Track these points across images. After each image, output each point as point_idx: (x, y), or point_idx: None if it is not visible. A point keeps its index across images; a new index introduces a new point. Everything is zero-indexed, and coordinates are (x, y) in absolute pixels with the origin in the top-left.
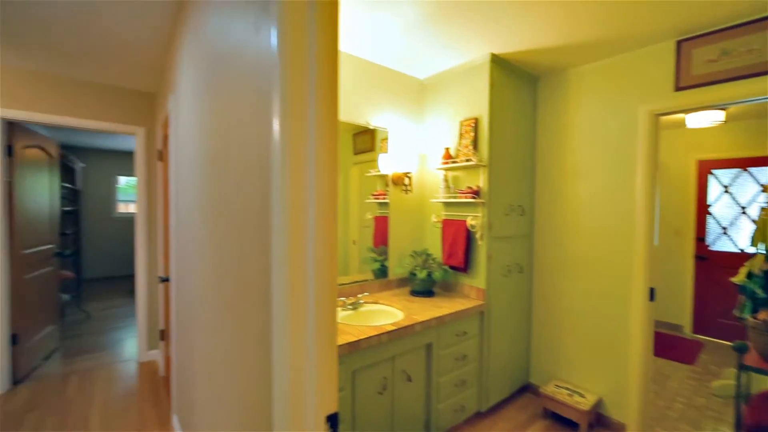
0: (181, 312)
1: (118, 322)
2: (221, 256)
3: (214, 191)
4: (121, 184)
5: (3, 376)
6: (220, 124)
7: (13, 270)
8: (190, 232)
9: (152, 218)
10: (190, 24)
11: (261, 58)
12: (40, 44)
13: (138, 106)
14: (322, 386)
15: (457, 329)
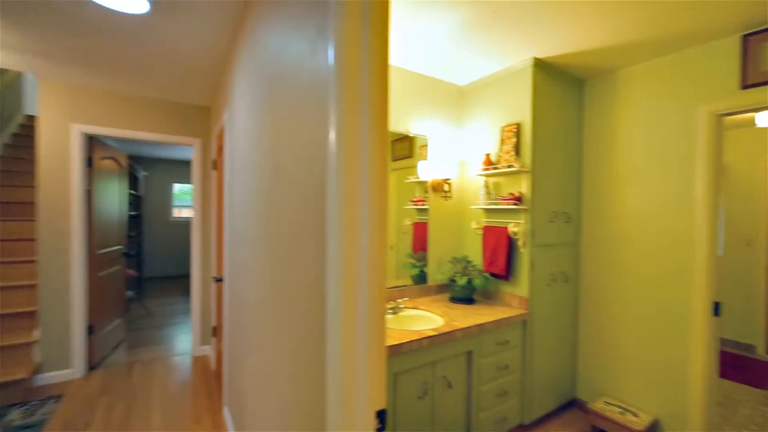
0: (233, 310)
1: (174, 318)
2: (276, 258)
3: (267, 198)
4: (176, 190)
5: (81, 363)
6: (275, 135)
7: (89, 268)
8: (244, 236)
9: (206, 223)
10: (246, 45)
11: (317, 75)
12: (113, 67)
13: (195, 119)
14: (372, 383)
15: (498, 338)
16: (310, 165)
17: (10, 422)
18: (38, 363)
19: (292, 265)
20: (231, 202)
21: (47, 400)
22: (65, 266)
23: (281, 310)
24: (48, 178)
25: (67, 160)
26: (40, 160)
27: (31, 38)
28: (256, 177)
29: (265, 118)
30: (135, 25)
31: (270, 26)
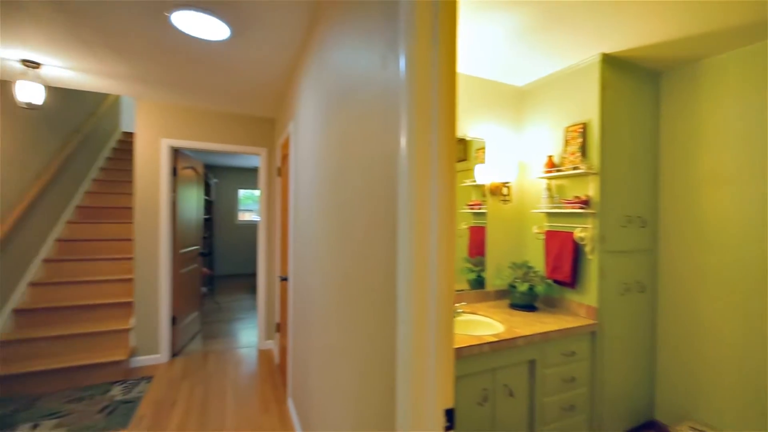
0: (297, 308)
1: (241, 314)
2: (343, 259)
3: (334, 203)
4: (241, 195)
5: (166, 349)
6: (342, 144)
7: (173, 265)
8: (308, 238)
9: (271, 225)
10: (312, 61)
11: (387, 87)
12: (194, 87)
13: (261, 130)
14: (441, 382)
15: (564, 348)
16: (379, 172)
17: (113, 397)
18: (133, 347)
19: (360, 268)
20: (295, 206)
21: (141, 380)
22: (154, 263)
23: (348, 310)
24: (142, 186)
25: (157, 170)
26: (137, 171)
27: (133, 67)
28: (321, 183)
29: (331, 128)
30: (215, 50)
31: (338, 44)
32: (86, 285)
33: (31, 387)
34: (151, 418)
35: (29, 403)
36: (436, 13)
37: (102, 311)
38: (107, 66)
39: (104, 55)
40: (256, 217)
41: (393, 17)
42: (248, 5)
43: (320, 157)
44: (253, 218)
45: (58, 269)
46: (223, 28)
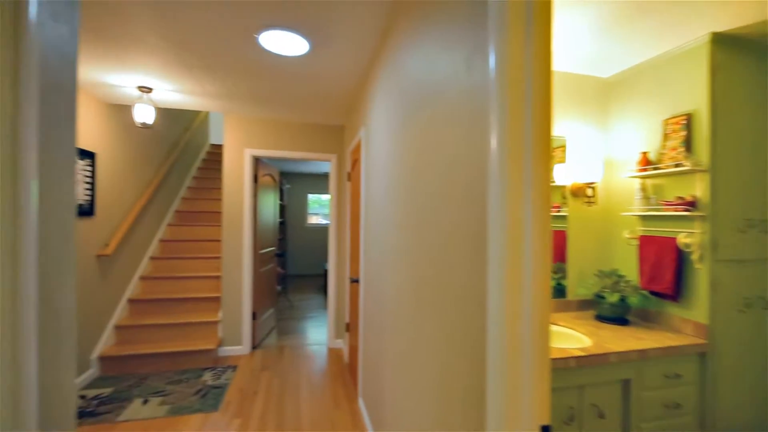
0: (368, 310)
1: (311, 312)
2: (419, 264)
3: (409, 206)
4: (310, 200)
5: (248, 342)
6: (418, 147)
7: (254, 265)
8: (380, 242)
9: (341, 229)
10: (385, 70)
11: (472, 90)
12: (272, 100)
13: (331, 137)
14: (538, 396)
15: (666, 369)
16: (463, 175)
17: (205, 381)
18: (221, 338)
19: (439, 273)
20: (366, 210)
21: (227, 368)
22: (238, 262)
23: (425, 315)
24: (228, 193)
25: (241, 177)
26: (225, 179)
27: (224, 85)
28: (394, 187)
29: (406, 132)
30: (294, 64)
31: (414, 50)
32: (183, 280)
33: (141, 367)
34: (237, 404)
35: (139, 381)
36: (530, 11)
37: (195, 304)
38: (204, 86)
39: (202, 76)
40: (323, 220)
41: (479, 19)
42: (327, 21)
43: (393, 161)
44: (320, 221)
45: (160, 266)
46: (303, 44)
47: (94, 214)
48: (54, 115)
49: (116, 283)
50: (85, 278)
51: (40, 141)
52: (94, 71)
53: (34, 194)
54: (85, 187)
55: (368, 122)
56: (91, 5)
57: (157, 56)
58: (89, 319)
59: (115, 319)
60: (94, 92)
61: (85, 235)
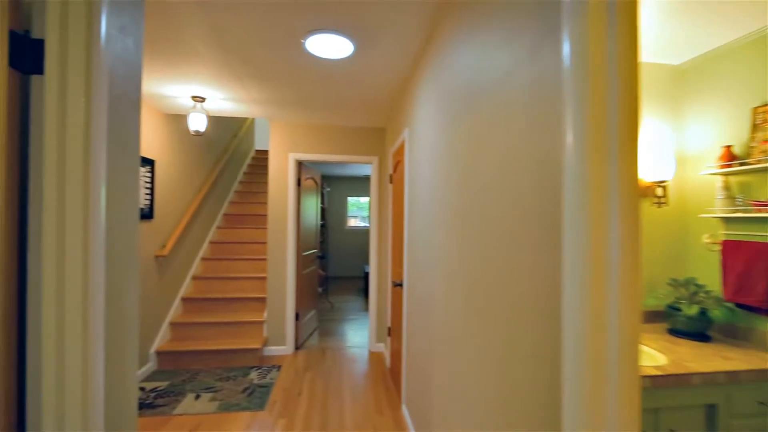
0: (412, 315)
1: (352, 315)
2: (473, 268)
3: (461, 208)
4: (349, 203)
5: (291, 342)
6: (470, 146)
7: (297, 266)
8: (425, 245)
9: (382, 231)
10: (432, 65)
11: (540, 77)
12: (315, 105)
13: (373, 140)
14: (625, 420)
15: (762, 395)
16: (527, 173)
17: (251, 380)
18: (266, 337)
19: (499, 279)
20: (410, 212)
21: (272, 368)
22: (283, 264)
23: (482, 325)
24: (273, 196)
25: (285, 181)
26: (270, 182)
27: (270, 92)
28: (442, 188)
29: (456, 131)
30: (338, 67)
31: (466, 43)
32: (231, 280)
33: (193, 363)
34: (282, 404)
35: (192, 376)
36: None
37: (243, 304)
38: (251, 93)
39: (250, 84)
40: (361, 223)
41: (546, 4)
42: (372, 21)
43: (441, 161)
44: (359, 224)
45: (211, 266)
46: (347, 46)
47: (153, 218)
48: (121, 124)
49: (172, 282)
50: (145, 278)
51: (108, 149)
52: (154, 83)
53: (103, 200)
54: (145, 192)
55: (412, 122)
56: (147, 19)
57: (209, 66)
58: (149, 316)
59: (170, 316)
60: (154, 103)
61: (145, 237)
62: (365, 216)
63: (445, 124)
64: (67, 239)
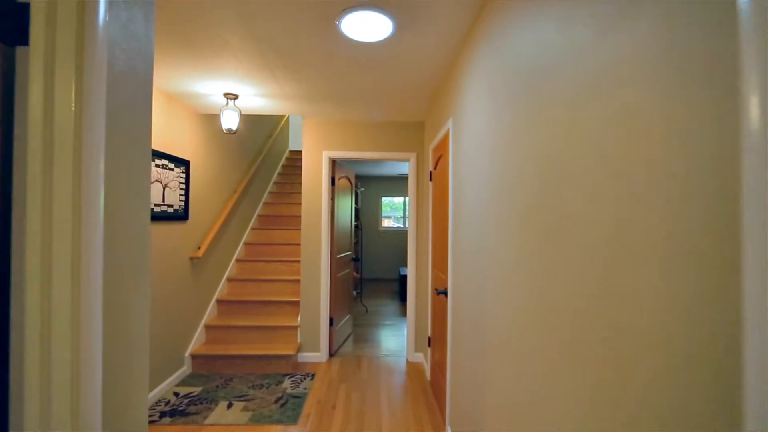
0: (460, 328)
1: (387, 320)
2: (552, 282)
3: (530, 209)
4: (383, 203)
5: (325, 349)
6: (554, 127)
7: (331, 269)
8: (477, 248)
9: (421, 233)
10: (484, 44)
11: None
12: (350, 100)
13: (410, 135)
14: None
15: None
16: (660, 158)
17: (284, 389)
18: (299, 343)
19: (597, 298)
20: (456, 211)
21: (306, 376)
22: (316, 266)
23: (566, 360)
24: (307, 196)
25: (319, 180)
26: (304, 182)
27: (301, 85)
28: (502, 185)
29: (522, 115)
30: (375, 52)
31: (536, 15)
32: (266, 283)
33: (227, 367)
34: (316, 417)
35: (225, 382)
36: None
37: (278, 307)
38: (283, 88)
39: (282, 77)
40: (395, 224)
41: None
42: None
43: (501, 151)
44: (392, 225)
45: (245, 268)
46: (386, 25)
47: (188, 219)
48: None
49: (206, 284)
50: (180, 280)
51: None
52: (186, 80)
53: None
54: (180, 193)
55: (458, 111)
56: (175, 11)
57: (240, 58)
58: (183, 318)
59: (205, 319)
60: (187, 102)
61: (180, 239)
62: (399, 216)
63: (505, 107)
64: (54, 245)
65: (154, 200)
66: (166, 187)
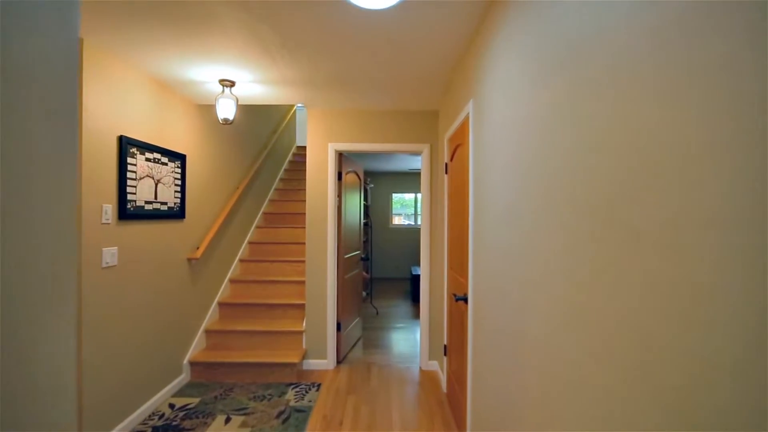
0: (483, 339)
1: (399, 322)
2: (613, 294)
3: (580, 203)
4: (393, 199)
5: (332, 356)
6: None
7: (338, 270)
8: (504, 249)
9: (434, 231)
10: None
11: None
12: (355, 85)
13: (423, 125)
14: None
15: None
16: None
17: (287, 401)
18: (305, 349)
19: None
20: (477, 208)
21: (311, 387)
22: (322, 267)
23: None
24: (312, 192)
25: (324, 174)
26: (308, 177)
27: (301, 67)
28: (540, 173)
29: (564, 92)
30: (381, 22)
31: None
32: (270, 284)
33: (228, 375)
34: None
35: (225, 393)
36: None
37: (283, 311)
38: (283, 71)
39: (281, 58)
40: (405, 221)
41: None
42: None
43: (538, 141)
44: (403, 222)
45: (250, 268)
46: None
47: (184, 218)
48: (22, 55)
49: (207, 287)
50: (176, 282)
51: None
52: (177, 64)
53: None
54: (175, 190)
55: (481, 91)
56: None
57: (231, 36)
58: (182, 323)
59: (206, 323)
60: (183, 92)
61: (176, 239)
62: (410, 214)
63: (544, 81)
64: None
65: (145, 197)
66: (159, 183)
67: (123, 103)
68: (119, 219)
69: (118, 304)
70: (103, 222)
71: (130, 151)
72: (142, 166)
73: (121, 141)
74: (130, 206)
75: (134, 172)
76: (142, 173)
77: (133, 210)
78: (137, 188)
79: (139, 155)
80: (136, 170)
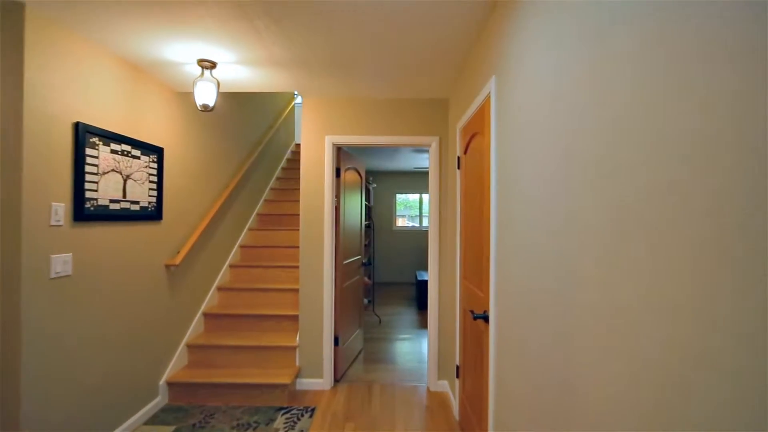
0: (507, 363)
1: (403, 332)
2: None
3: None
4: (397, 200)
5: (329, 374)
6: None
7: (336, 279)
8: (542, 258)
9: (444, 234)
10: None
11: None
12: (354, 69)
13: (431, 115)
14: None
15: None
16: None
17: (276, 429)
18: (298, 368)
19: None
20: (503, 209)
21: (304, 411)
22: (318, 276)
23: None
24: (306, 191)
25: (321, 171)
26: (303, 173)
27: (292, 45)
28: (596, 162)
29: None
30: None
31: None
32: (262, 292)
33: (210, 398)
34: None
35: (206, 419)
36: None
37: (275, 322)
38: (271, 50)
39: (265, 28)
40: (410, 223)
41: None
42: None
43: (593, 124)
44: (407, 224)
45: (240, 274)
46: None
47: (161, 219)
48: None
49: (190, 296)
50: (151, 291)
51: None
52: (148, 40)
53: None
54: (150, 187)
55: (506, 65)
56: None
57: (212, 9)
58: (158, 338)
59: (188, 336)
60: (160, 78)
61: (151, 243)
62: (414, 215)
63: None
64: None
65: (111, 195)
66: (128, 179)
67: (83, 86)
68: (75, 220)
69: (72, 319)
70: (52, 224)
71: (90, 141)
72: (107, 159)
73: (77, 128)
74: (90, 205)
75: (96, 166)
76: (107, 167)
77: (93, 210)
78: (100, 185)
79: (102, 146)
80: (99, 164)
